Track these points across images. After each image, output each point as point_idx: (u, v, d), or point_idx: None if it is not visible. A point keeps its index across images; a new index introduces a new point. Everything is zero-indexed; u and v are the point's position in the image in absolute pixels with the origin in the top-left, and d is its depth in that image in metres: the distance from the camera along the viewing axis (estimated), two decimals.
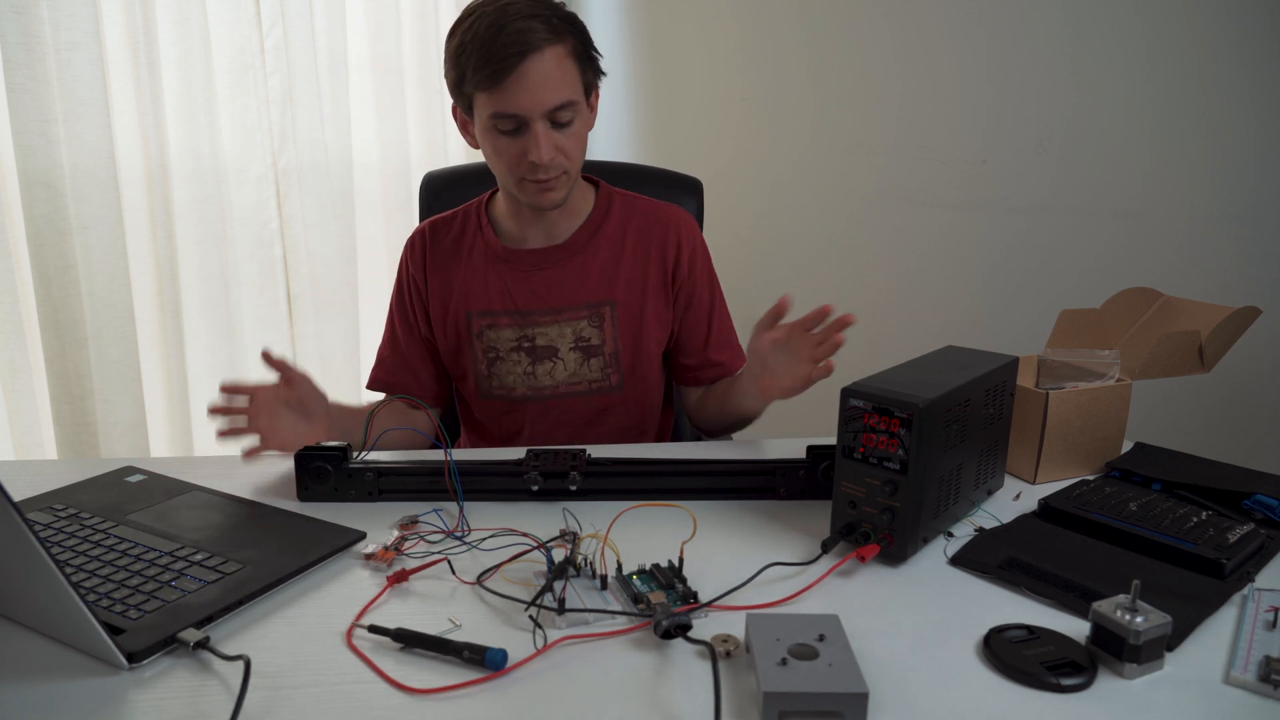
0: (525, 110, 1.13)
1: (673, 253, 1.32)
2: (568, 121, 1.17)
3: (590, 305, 1.30)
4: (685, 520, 0.95)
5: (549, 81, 1.13)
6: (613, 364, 1.32)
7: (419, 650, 0.74)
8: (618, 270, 1.31)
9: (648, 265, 1.32)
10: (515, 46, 1.10)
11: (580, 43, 1.17)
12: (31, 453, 1.84)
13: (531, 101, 1.13)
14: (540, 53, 1.11)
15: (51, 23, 1.70)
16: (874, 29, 2.20)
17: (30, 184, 1.72)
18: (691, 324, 1.35)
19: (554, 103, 1.14)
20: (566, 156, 1.19)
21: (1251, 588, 0.83)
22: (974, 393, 0.92)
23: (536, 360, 1.31)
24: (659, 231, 1.32)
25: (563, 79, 1.14)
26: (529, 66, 1.11)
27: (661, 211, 1.34)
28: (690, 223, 1.36)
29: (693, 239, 1.34)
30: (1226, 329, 1.14)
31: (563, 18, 1.15)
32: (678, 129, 2.58)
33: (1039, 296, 2.05)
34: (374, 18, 2.25)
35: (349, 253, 2.26)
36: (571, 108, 1.16)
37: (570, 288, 1.30)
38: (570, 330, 1.30)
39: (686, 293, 1.34)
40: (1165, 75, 1.85)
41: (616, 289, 1.31)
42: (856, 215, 2.31)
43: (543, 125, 1.15)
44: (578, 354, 1.31)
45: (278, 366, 1.13)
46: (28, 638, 0.76)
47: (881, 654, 0.73)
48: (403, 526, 0.96)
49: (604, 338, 1.31)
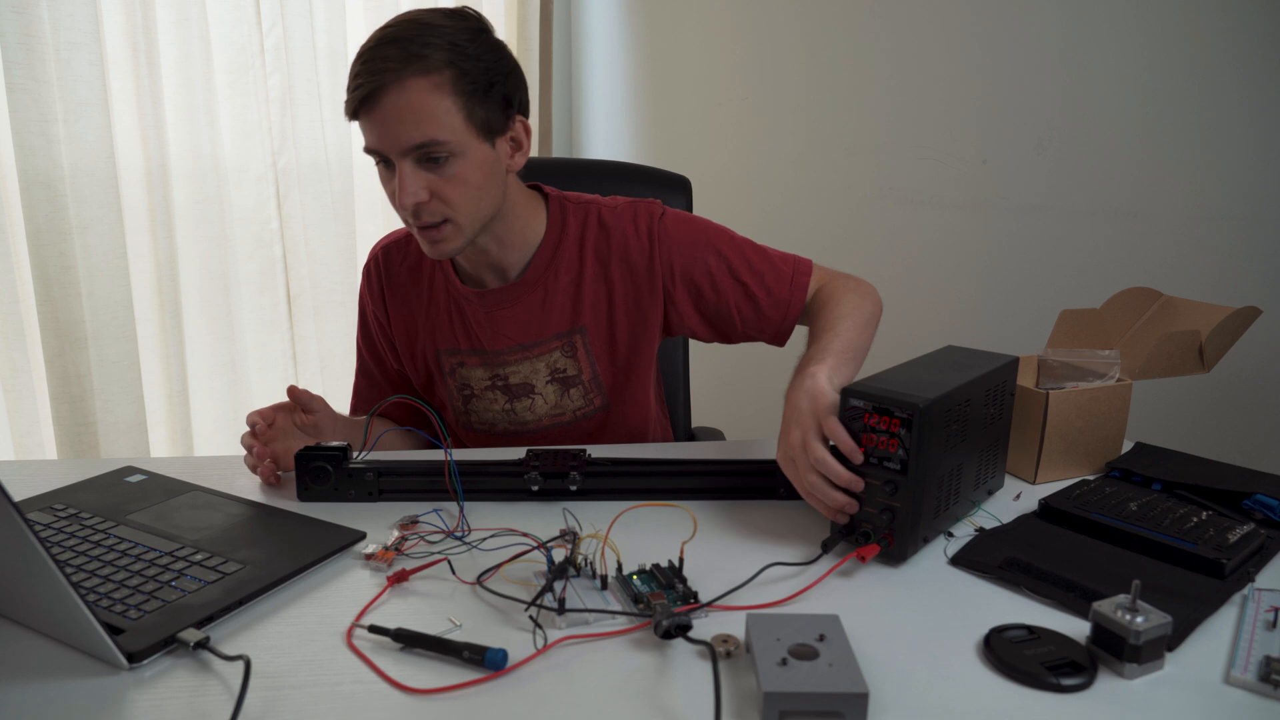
0: (381, 147, 1.04)
1: (639, 259, 1.20)
2: (440, 161, 1.04)
3: (560, 336, 1.22)
4: (685, 520, 0.95)
5: (404, 118, 1.01)
6: (594, 388, 1.25)
7: (419, 650, 0.74)
8: (581, 294, 1.21)
9: (610, 283, 1.21)
10: (367, 78, 1.01)
11: (472, 77, 1.03)
12: (31, 453, 1.84)
13: (384, 138, 1.03)
14: (398, 85, 1.00)
15: (51, 23, 1.70)
16: (873, 29, 2.20)
17: (30, 184, 1.72)
18: (722, 300, 1.21)
19: (409, 142, 1.02)
20: (445, 203, 1.06)
21: (1251, 588, 0.83)
22: (974, 393, 0.92)
23: (514, 398, 1.25)
24: (616, 242, 1.20)
25: (424, 116, 1.01)
26: (384, 100, 1.01)
27: (612, 216, 1.21)
28: (647, 213, 1.22)
29: (650, 229, 1.20)
30: (1226, 329, 1.14)
31: (458, 47, 1.03)
32: (677, 129, 2.58)
33: (1039, 296, 2.05)
34: (374, 18, 2.25)
35: (349, 253, 2.26)
36: (441, 147, 1.03)
37: (536, 323, 1.22)
38: (543, 364, 1.23)
39: (684, 280, 1.21)
40: (1165, 75, 1.85)
41: (583, 314, 1.21)
42: (856, 215, 2.31)
43: (408, 165, 1.04)
44: (555, 386, 1.24)
45: (301, 400, 1.09)
46: (28, 638, 0.76)
47: (881, 654, 0.73)
48: (403, 526, 0.96)
49: (580, 366, 1.23)
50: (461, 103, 1.03)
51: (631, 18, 2.60)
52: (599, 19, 2.68)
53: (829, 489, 0.88)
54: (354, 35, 2.22)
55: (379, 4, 2.25)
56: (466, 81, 1.03)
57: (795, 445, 0.91)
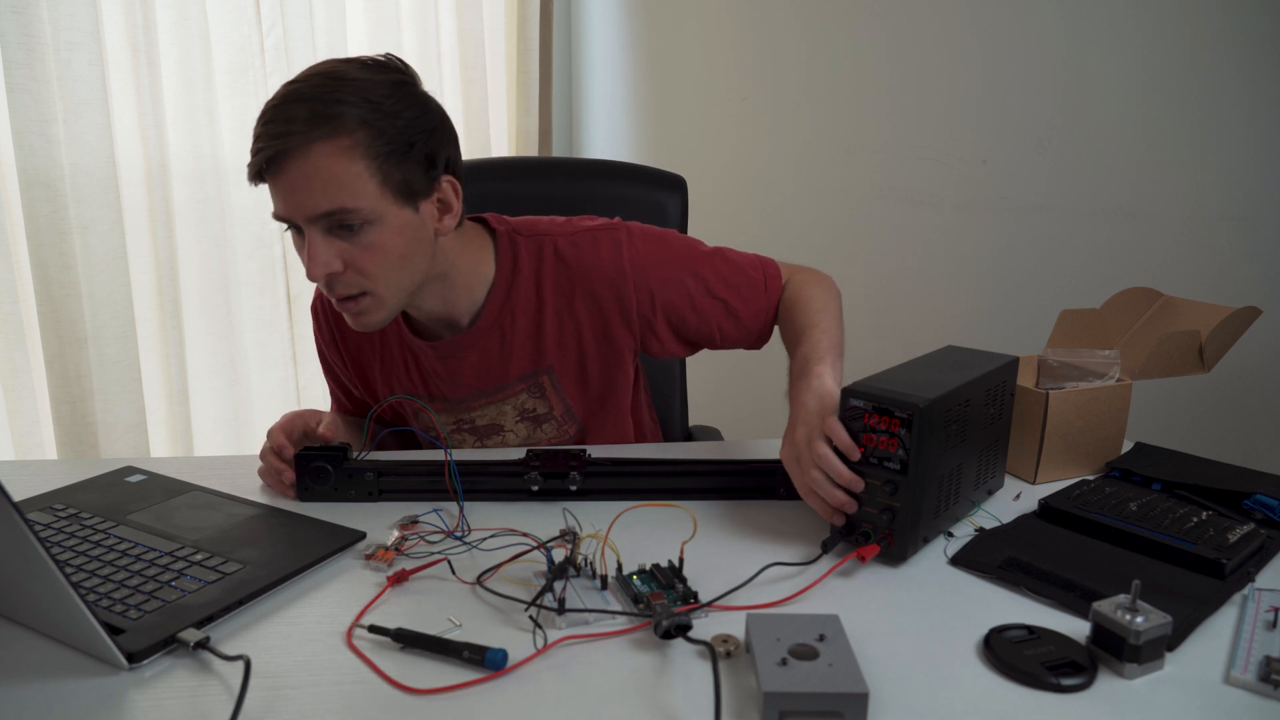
0: (288, 215, 0.96)
1: (605, 289, 1.12)
2: (354, 229, 0.96)
3: (524, 378, 1.16)
4: (685, 520, 0.95)
5: (312, 184, 0.93)
6: (567, 419, 1.20)
7: (419, 650, 0.74)
8: (542, 334, 1.14)
9: (577, 319, 1.14)
10: (267, 141, 0.93)
11: (388, 137, 0.95)
12: (31, 453, 1.84)
13: (290, 206, 0.95)
14: (304, 150, 0.92)
15: (51, 23, 1.70)
16: (873, 28, 2.20)
17: (30, 184, 1.72)
18: (704, 320, 1.17)
19: (316, 209, 0.94)
20: (362, 274, 0.98)
21: (1252, 588, 0.83)
22: (974, 393, 0.92)
23: (482, 438, 1.21)
24: (578, 274, 1.12)
25: (333, 182, 0.93)
26: (288, 165, 0.93)
27: (570, 248, 1.12)
28: (612, 241, 1.12)
29: (618, 260, 1.12)
30: (1226, 329, 1.14)
31: (373, 105, 0.94)
32: (676, 129, 2.58)
33: (1039, 296, 2.05)
34: (374, 18, 2.25)
35: None
36: (352, 214, 0.95)
37: (497, 369, 1.15)
38: (510, 406, 1.18)
39: (664, 309, 1.15)
40: (1165, 74, 1.85)
41: (548, 354, 1.15)
42: (856, 215, 2.31)
43: (317, 233, 0.96)
44: (526, 424, 1.20)
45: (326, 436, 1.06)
46: (28, 638, 0.76)
47: (881, 654, 0.73)
48: (403, 526, 0.96)
49: (550, 404, 1.18)
50: (376, 166, 0.95)
51: (631, 18, 2.60)
52: (599, 19, 2.68)
53: (830, 486, 0.89)
54: (354, 35, 2.22)
55: (379, 4, 2.26)
56: (382, 143, 0.95)
57: (800, 443, 0.92)
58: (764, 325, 1.21)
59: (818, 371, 0.97)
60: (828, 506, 0.90)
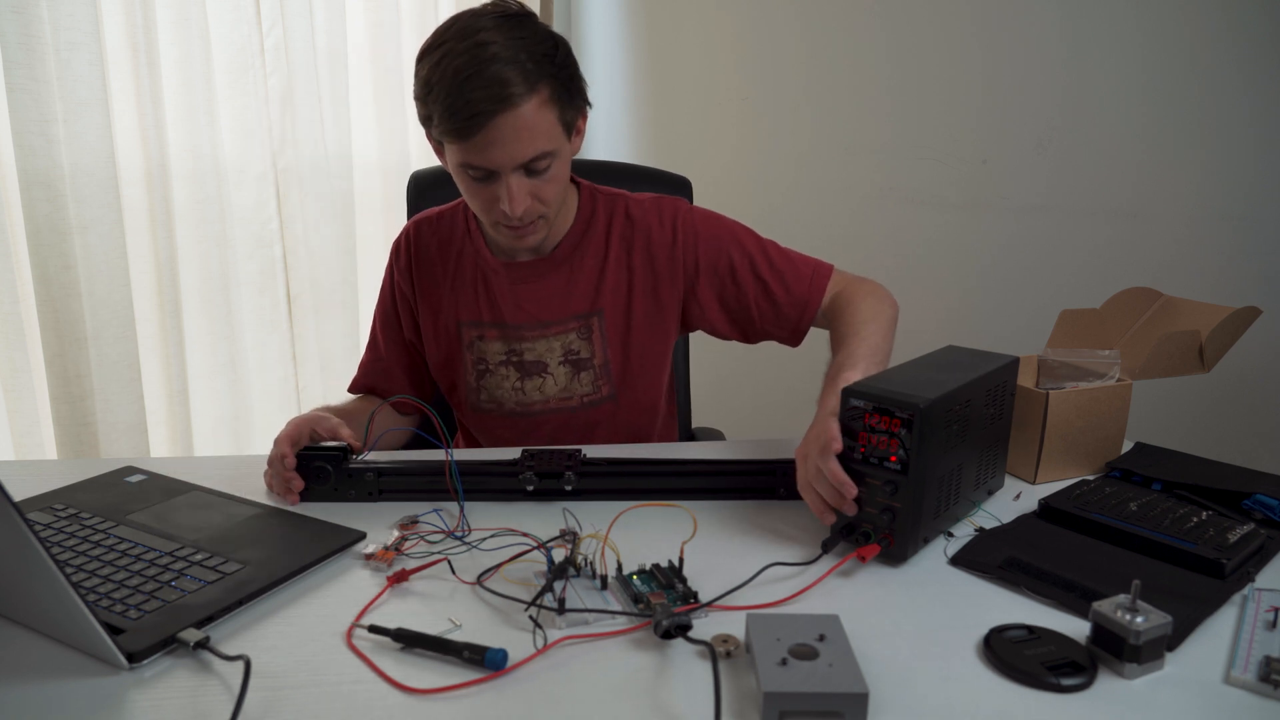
0: (497, 165, 1.06)
1: (660, 250, 1.24)
2: (545, 169, 1.09)
3: (578, 317, 1.26)
4: (685, 520, 0.95)
5: (523, 136, 1.04)
6: (603, 375, 1.27)
7: (419, 650, 0.74)
8: (603, 279, 1.25)
9: (632, 271, 1.25)
10: (485, 104, 1.01)
11: (560, 82, 1.07)
12: (31, 453, 1.84)
13: (503, 157, 1.05)
14: (515, 109, 1.02)
15: (51, 23, 1.70)
16: (874, 28, 2.20)
17: (30, 184, 1.72)
18: (742, 294, 1.24)
19: (528, 156, 1.06)
20: (543, 202, 1.12)
21: (1251, 588, 0.83)
22: (974, 393, 0.92)
23: (525, 375, 1.27)
24: (640, 232, 1.25)
25: (540, 130, 1.05)
26: (501, 123, 1.02)
27: (638, 209, 1.26)
28: (672, 208, 1.26)
29: (674, 222, 1.25)
30: (1226, 329, 1.14)
31: (541, 57, 1.04)
32: (677, 129, 2.58)
33: (1039, 296, 2.05)
34: (374, 18, 2.25)
35: (348, 253, 2.26)
36: (549, 157, 1.08)
37: (557, 301, 1.25)
38: (559, 344, 1.26)
39: (708, 272, 1.24)
40: (1165, 74, 1.85)
41: (603, 298, 1.25)
42: (856, 215, 2.31)
43: (515, 177, 1.07)
44: (567, 368, 1.27)
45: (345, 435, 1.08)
46: (28, 638, 0.76)
47: (881, 654, 0.73)
48: (403, 526, 0.96)
49: (593, 350, 1.26)
50: (559, 112, 1.08)
51: (631, 18, 2.60)
52: (599, 19, 2.68)
53: (827, 483, 0.90)
54: (354, 35, 2.22)
55: (379, 4, 2.25)
56: (560, 89, 1.07)
57: (811, 442, 0.93)
58: (801, 317, 1.25)
59: (846, 376, 1.00)
60: (821, 503, 0.91)
